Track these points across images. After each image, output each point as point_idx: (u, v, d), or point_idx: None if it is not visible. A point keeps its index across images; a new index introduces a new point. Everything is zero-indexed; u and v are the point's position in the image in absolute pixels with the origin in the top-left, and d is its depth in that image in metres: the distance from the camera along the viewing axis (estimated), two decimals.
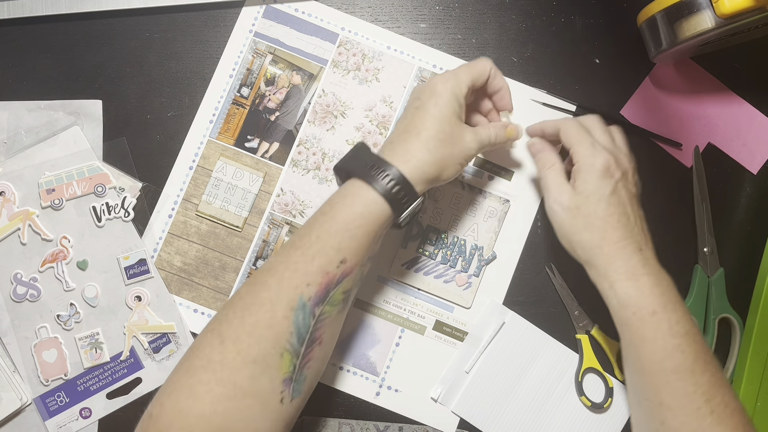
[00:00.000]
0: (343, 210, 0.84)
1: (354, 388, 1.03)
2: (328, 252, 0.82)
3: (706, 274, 1.03)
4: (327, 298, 0.83)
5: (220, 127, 1.04)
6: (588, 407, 1.02)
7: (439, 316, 1.04)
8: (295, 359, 0.80)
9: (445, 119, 0.88)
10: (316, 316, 0.82)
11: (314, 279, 0.81)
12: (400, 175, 0.85)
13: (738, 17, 0.88)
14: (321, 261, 0.82)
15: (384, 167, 0.85)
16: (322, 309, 0.82)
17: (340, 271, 0.83)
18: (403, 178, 0.85)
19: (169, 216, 1.03)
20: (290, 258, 0.83)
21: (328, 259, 0.82)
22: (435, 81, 0.90)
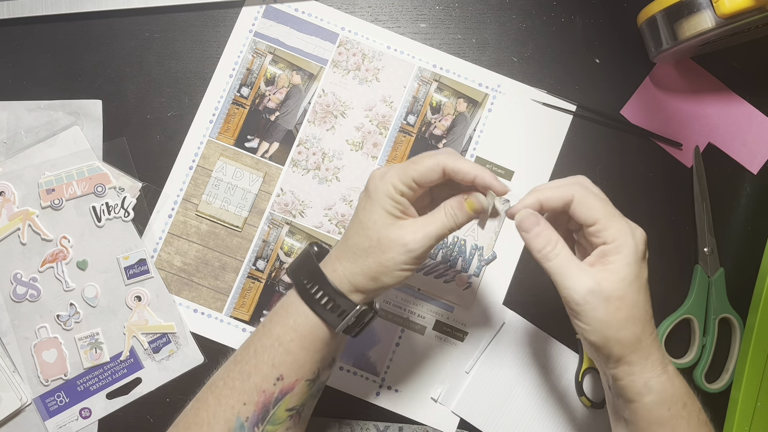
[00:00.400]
0: (278, 323, 0.81)
1: (354, 388, 1.03)
2: (263, 368, 0.80)
3: (706, 274, 1.03)
4: (267, 417, 0.80)
5: (220, 127, 1.04)
6: (588, 407, 1.02)
7: (439, 316, 1.04)
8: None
9: (372, 225, 0.80)
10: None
11: (250, 398, 0.79)
12: (329, 285, 0.80)
13: (738, 17, 0.88)
14: (256, 379, 0.79)
15: (315, 279, 0.80)
16: (264, 428, 0.80)
17: (278, 388, 0.80)
18: (332, 289, 0.80)
19: (169, 216, 1.03)
20: (229, 374, 0.81)
21: (263, 377, 0.79)
22: (370, 178, 0.82)
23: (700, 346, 1.03)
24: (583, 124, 1.06)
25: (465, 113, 1.05)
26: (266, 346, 0.80)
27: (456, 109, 1.05)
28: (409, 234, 0.79)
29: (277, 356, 0.80)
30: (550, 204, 0.80)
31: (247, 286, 1.03)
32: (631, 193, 1.05)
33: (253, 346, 0.81)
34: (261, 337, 0.81)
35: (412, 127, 1.05)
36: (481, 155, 1.05)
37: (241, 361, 0.81)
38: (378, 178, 0.81)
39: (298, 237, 1.03)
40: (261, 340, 0.81)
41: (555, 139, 1.05)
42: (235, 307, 1.03)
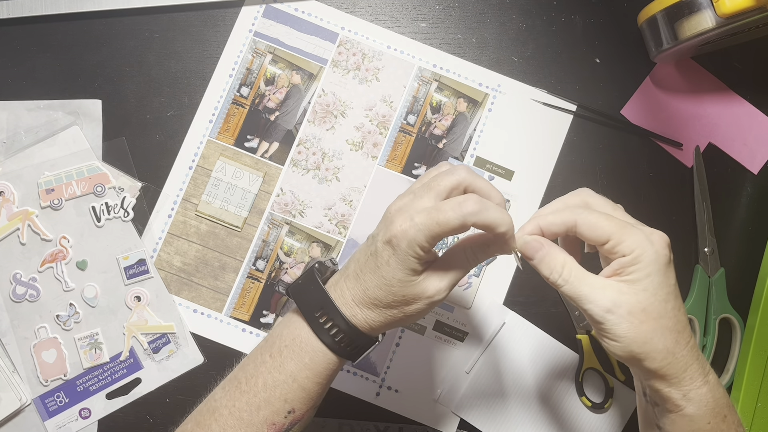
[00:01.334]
0: (292, 359, 0.79)
1: (354, 388, 1.03)
2: (275, 403, 0.78)
3: (706, 274, 1.03)
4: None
5: (219, 127, 1.04)
6: (588, 407, 1.02)
7: (439, 316, 1.03)
8: None
9: (397, 283, 0.76)
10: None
11: (259, 430, 0.78)
12: (348, 327, 0.78)
13: (738, 17, 0.88)
14: (267, 412, 0.78)
15: (332, 316, 0.78)
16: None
17: (288, 421, 0.79)
18: (351, 329, 0.78)
19: (169, 216, 1.03)
20: (235, 404, 0.79)
21: (274, 410, 0.78)
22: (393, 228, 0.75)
23: (701, 346, 1.02)
24: (584, 124, 1.06)
25: (465, 113, 1.05)
26: (279, 381, 0.78)
27: (456, 108, 1.05)
28: (433, 287, 0.77)
29: (290, 392, 0.78)
30: (552, 230, 0.77)
31: (247, 286, 1.03)
32: (632, 193, 1.05)
33: (262, 379, 0.79)
34: (271, 371, 0.79)
35: (412, 126, 1.05)
36: (481, 155, 1.05)
37: (248, 392, 0.79)
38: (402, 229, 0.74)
39: (297, 237, 1.03)
40: (272, 374, 0.78)
41: (555, 139, 1.05)
42: (235, 307, 1.03)
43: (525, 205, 1.05)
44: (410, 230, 0.73)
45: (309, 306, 0.79)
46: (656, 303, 0.71)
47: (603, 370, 1.02)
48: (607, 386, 1.02)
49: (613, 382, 1.02)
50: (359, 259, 0.79)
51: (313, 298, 0.79)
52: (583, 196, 0.79)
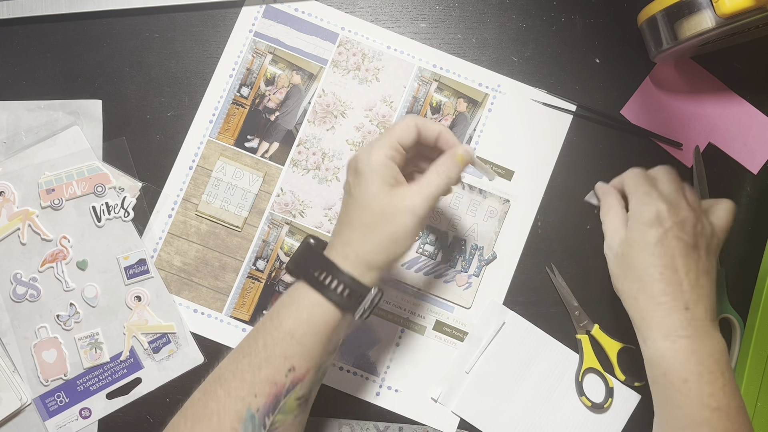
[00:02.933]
0: (289, 316, 0.81)
1: (354, 388, 1.03)
2: (275, 361, 0.80)
3: None
4: (278, 407, 0.80)
5: (219, 127, 1.04)
6: (588, 407, 1.02)
7: (439, 316, 1.04)
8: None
9: (372, 199, 0.82)
10: (267, 426, 0.80)
11: (262, 389, 0.79)
12: (343, 273, 0.81)
13: (738, 17, 0.88)
14: (268, 371, 0.80)
15: (326, 269, 0.82)
16: (274, 418, 0.80)
17: (289, 379, 0.81)
18: (346, 276, 0.81)
19: (169, 216, 1.03)
20: (238, 367, 0.81)
21: (275, 369, 0.80)
22: (355, 160, 0.85)
23: None
24: (583, 124, 1.06)
25: (465, 113, 1.05)
26: (277, 339, 0.80)
27: (456, 108, 1.05)
28: (409, 197, 0.82)
29: (288, 348, 0.80)
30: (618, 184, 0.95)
31: (247, 286, 1.03)
32: None
33: (261, 339, 0.81)
34: (270, 331, 0.81)
35: None
36: (481, 155, 1.05)
37: (249, 354, 0.81)
38: (364, 153, 0.83)
39: (298, 237, 1.04)
40: (270, 333, 0.81)
41: (555, 139, 1.05)
42: (235, 307, 1.03)
43: (525, 205, 1.05)
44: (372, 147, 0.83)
45: (307, 269, 0.83)
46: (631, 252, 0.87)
47: (603, 370, 1.02)
48: (607, 386, 1.02)
49: (613, 382, 1.02)
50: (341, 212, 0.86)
51: (311, 261, 0.83)
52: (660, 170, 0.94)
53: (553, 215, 1.04)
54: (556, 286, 1.04)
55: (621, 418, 1.03)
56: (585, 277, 1.04)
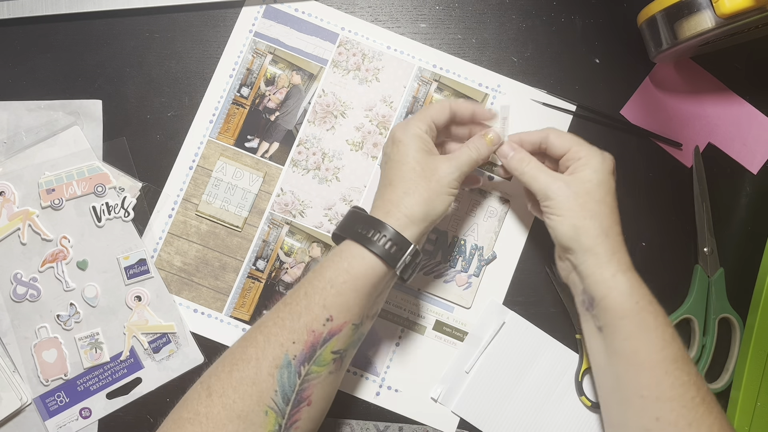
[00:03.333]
0: (330, 267, 0.85)
1: (354, 388, 1.03)
2: (314, 309, 0.83)
3: (706, 274, 1.03)
4: (314, 356, 0.83)
5: (220, 127, 1.04)
6: (588, 407, 1.02)
7: (439, 316, 1.04)
8: (280, 419, 0.81)
9: (411, 159, 0.89)
10: (302, 376, 0.82)
11: (300, 336, 0.82)
12: (386, 226, 0.85)
13: (738, 17, 0.88)
14: (307, 318, 0.82)
15: (369, 224, 0.86)
16: (309, 368, 0.82)
17: (327, 329, 0.83)
18: (389, 228, 0.85)
19: (169, 216, 1.03)
20: (278, 314, 0.84)
21: (313, 317, 0.83)
22: (393, 132, 0.92)
23: (700, 346, 1.03)
24: (583, 124, 1.06)
25: None
26: (317, 288, 0.84)
27: None
28: (443, 163, 0.90)
29: (328, 298, 0.83)
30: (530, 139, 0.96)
31: (247, 286, 1.03)
32: (631, 193, 1.05)
33: (303, 289, 0.84)
34: (312, 281, 0.85)
35: None
36: None
37: (291, 303, 0.84)
38: (402, 126, 0.92)
39: (298, 237, 1.04)
40: (312, 283, 0.84)
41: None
42: (235, 307, 1.03)
43: (523, 205, 1.05)
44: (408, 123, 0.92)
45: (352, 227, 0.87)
46: (598, 191, 0.89)
47: None
48: None
49: None
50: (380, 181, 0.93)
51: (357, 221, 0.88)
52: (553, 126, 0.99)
53: None
54: (556, 286, 1.04)
55: None
56: None
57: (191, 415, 0.79)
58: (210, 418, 0.78)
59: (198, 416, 0.78)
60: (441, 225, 1.05)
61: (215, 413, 0.78)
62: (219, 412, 0.78)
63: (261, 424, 0.79)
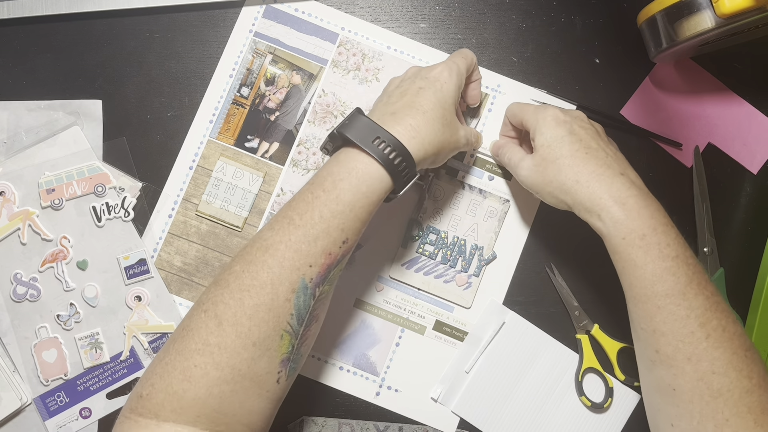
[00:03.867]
0: (349, 190, 0.83)
1: (354, 388, 1.03)
2: (333, 233, 0.82)
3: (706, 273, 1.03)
4: (327, 277, 0.83)
5: (220, 127, 1.04)
6: (588, 407, 1.02)
7: (439, 316, 1.04)
8: (294, 340, 0.81)
9: (447, 105, 0.90)
10: (317, 297, 0.82)
11: (317, 260, 0.81)
12: (406, 150, 0.85)
13: (738, 17, 0.88)
14: (324, 242, 0.82)
15: (390, 142, 0.84)
16: (322, 289, 0.83)
17: (342, 250, 0.84)
18: (408, 153, 0.85)
19: (169, 216, 1.03)
20: (291, 237, 0.81)
21: (332, 241, 0.82)
22: (440, 68, 0.92)
23: None
24: None
25: (465, 113, 1.05)
26: (336, 212, 0.82)
27: None
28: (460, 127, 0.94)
29: (347, 221, 0.83)
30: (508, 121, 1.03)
31: None
32: None
33: (318, 212, 0.82)
34: (327, 203, 0.83)
35: None
36: (480, 155, 1.05)
37: (303, 225, 0.82)
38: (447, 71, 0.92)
39: None
40: (328, 206, 0.82)
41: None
42: None
43: (523, 205, 1.05)
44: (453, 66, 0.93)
45: (365, 135, 0.85)
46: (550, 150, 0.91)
47: (603, 370, 1.02)
48: (606, 386, 1.02)
49: (613, 381, 1.03)
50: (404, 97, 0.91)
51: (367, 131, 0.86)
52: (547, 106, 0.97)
53: (553, 215, 1.04)
54: (556, 286, 1.04)
55: (621, 418, 1.03)
56: (584, 278, 1.04)
57: (200, 345, 0.77)
58: (223, 347, 0.76)
59: (209, 347, 0.77)
60: (441, 225, 1.05)
61: (228, 343, 0.77)
62: (233, 341, 0.77)
63: (276, 348, 0.79)
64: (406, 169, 0.85)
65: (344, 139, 0.86)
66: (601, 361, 1.03)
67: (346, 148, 0.87)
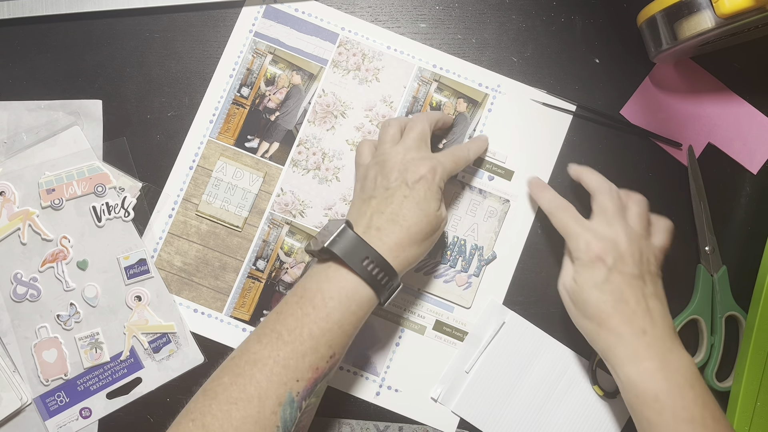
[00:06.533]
0: (338, 309, 0.85)
1: (354, 388, 1.03)
2: (321, 349, 0.83)
3: (709, 273, 1.03)
4: (314, 390, 0.84)
5: (220, 127, 1.04)
6: (601, 396, 1.02)
7: (439, 316, 1.04)
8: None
9: (432, 213, 0.90)
10: (303, 409, 0.83)
11: (304, 375, 0.82)
12: (393, 270, 0.87)
13: (738, 17, 0.88)
14: (312, 358, 0.83)
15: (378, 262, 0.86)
16: (309, 401, 0.83)
17: (329, 365, 0.85)
18: (394, 272, 0.87)
19: (169, 216, 1.03)
20: (279, 353, 0.82)
21: (319, 356, 0.83)
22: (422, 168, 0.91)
23: (709, 346, 1.02)
24: (583, 124, 1.06)
25: (465, 113, 1.06)
26: (325, 329, 0.83)
27: (456, 109, 1.05)
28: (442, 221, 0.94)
29: (335, 338, 0.84)
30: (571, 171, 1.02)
31: (247, 286, 1.03)
32: None
33: (307, 329, 0.83)
34: (317, 321, 0.84)
35: None
36: (480, 154, 1.05)
37: (292, 342, 0.82)
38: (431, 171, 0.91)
39: (298, 237, 1.04)
40: (317, 324, 0.83)
41: (555, 139, 1.05)
42: (236, 307, 1.03)
43: (525, 205, 1.05)
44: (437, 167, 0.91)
45: (354, 255, 0.86)
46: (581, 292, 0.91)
47: None
48: None
49: None
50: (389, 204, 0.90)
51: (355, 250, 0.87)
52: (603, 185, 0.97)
53: None
54: None
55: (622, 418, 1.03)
56: None
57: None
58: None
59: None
60: None
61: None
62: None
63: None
64: (391, 284, 0.87)
65: (333, 255, 0.87)
66: None
67: (335, 264, 0.87)
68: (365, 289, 0.86)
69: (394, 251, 0.87)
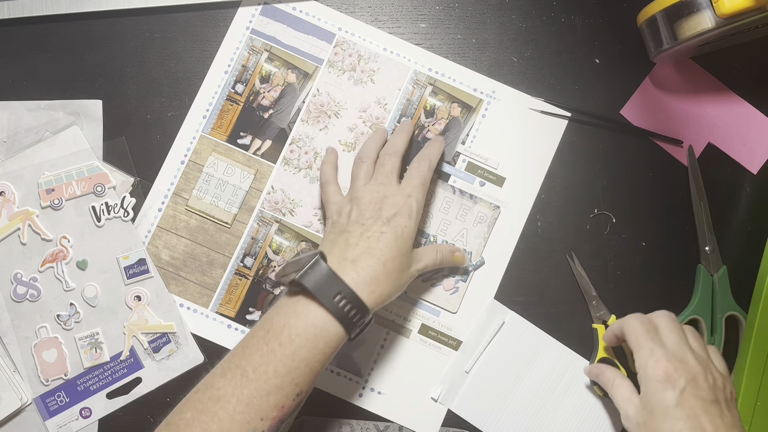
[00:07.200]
0: (305, 346, 0.83)
1: (336, 388, 1.03)
2: (286, 387, 0.82)
3: (709, 272, 1.03)
4: (279, 429, 0.83)
5: (213, 123, 1.05)
6: (600, 397, 1.02)
7: (425, 319, 1.04)
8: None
9: (406, 249, 0.91)
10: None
11: (269, 414, 0.81)
12: (365, 306, 0.85)
13: (738, 17, 0.88)
14: (277, 397, 0.81)
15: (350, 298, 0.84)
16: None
17: (296, 402, 0.84)
18: (366, 308, 0.85)
19: (159, 210, 1.04)
20: (243, 391, 0.81)
21: (284, 394, 0.82)
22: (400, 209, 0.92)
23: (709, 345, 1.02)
24: (580, 127, 1.06)
25: (459, 118, 1.05)
26: (291, 368, 0.82)
27: (450, 113, 1.05)
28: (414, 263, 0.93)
29: (302, 376, 0.83)
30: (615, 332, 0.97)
31: (234, 283, 1.04)
32: (631, 193, 1.05)
33: (272, 367, 0.82)
34: (283, 359, 0.82)
35: None
36: (473, 161, 1.05)
37: (256, 379, 0.81)
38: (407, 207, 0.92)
39: (287, 235, 1.04)
40: (283, 362, 0.82)
41: (549, 145, 1.06)
42: (222, 303, 1.03)
43: (515, 212, 1.05)
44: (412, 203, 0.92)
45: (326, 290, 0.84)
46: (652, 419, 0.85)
47: (616, 360, 1.02)
48: None
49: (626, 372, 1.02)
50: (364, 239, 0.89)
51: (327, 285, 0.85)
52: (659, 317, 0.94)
53: (553, 215, 1.04)
54: (576, 275, 1.04)
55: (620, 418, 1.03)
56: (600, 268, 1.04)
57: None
58: None
59: None
60: (429, 229, 1.05)
61: None
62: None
63: None
64: (362, 320, 0.86)
65: (303, 288, 0.85)
66: (615, 351, 1.03)
67: (305, 299, 0.86)
68: (334, 326, 0.84)
69: (369, 286, 0.86)
